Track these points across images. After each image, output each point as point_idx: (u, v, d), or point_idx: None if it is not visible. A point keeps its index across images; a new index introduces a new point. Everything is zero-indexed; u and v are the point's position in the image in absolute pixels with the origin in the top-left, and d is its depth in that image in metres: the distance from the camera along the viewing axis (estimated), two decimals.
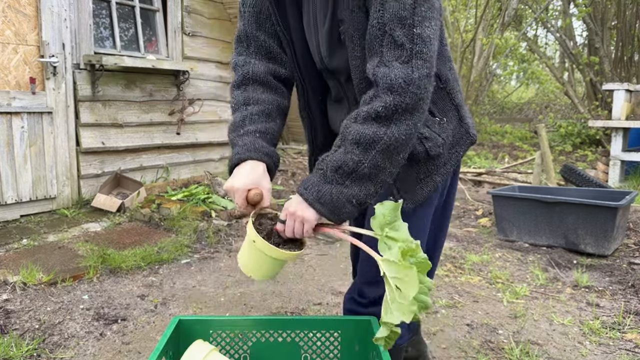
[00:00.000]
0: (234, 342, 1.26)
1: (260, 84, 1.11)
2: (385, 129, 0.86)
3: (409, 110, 0.86)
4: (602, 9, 7.40)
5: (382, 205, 0.87)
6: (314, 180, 0.93)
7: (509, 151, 7.53)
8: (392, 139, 0.87)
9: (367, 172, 0.89)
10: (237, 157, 1.04)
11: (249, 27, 1.11)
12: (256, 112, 1.08)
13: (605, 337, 1.94)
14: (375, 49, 0.88)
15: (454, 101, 1.09)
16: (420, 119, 0.89)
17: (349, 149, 0.89)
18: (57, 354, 1.77)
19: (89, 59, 3.59)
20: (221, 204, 3.73)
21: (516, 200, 3.10)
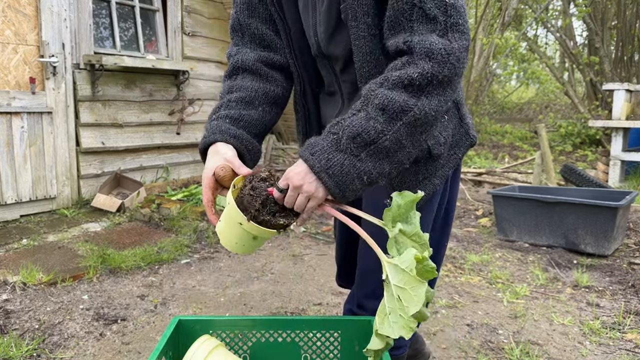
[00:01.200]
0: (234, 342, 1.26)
1: (249, 72, 1.05)
2: (415, 100, 0.77)
3: (444, 84, 0.78)
4: (602, 8, 7.40)
5: (399, 195, 0.78)
6: (324, 145, 0.80)
7: (509, 151, 7.53)
8: (421, 113, 0.77)
9: (387, 146, 0.78)
10: (203, 141, 0.98)
11: (241, 14, 1.06)
12: (235, 99, 1.02)
13: (605, 337, 1.94)
14: (402, 24, 0.80)
15: (455, 99, 1.03)
16: (451, 97, 0.81)
17: (372, 114, 0.78)
18: (57, 354, 1.76)
19: (88, 58, 3.58)
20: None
21: (516, 200, 3.10)
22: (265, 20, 1.05)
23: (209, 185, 0.93)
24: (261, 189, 0.85)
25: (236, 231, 0.87)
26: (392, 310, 0.73)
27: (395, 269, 0.74)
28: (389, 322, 0.73)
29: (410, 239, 0.77)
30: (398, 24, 0.81)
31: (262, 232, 0.84)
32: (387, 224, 0.78)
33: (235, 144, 0.96)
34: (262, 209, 0.83)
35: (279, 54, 1.07)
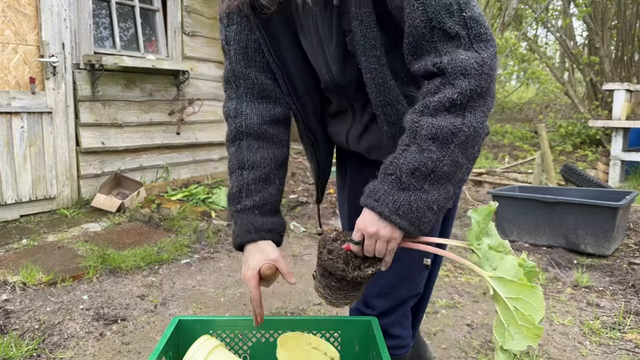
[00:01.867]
0: (234, 343, 1.26)
1: (255, 138, 1.03)
2: (461, 119, 0.77)
3: (484, 94, 0.78)
4: (602, 8, 7.40)
5: (476, 211, 0.79)
6: (385, 189, 0.81)
7: (509, 151, 7.53)
8: (470, 129, 0.77)
9: (446, 171, 0.78)
10: (238, 240, 1.01)
11: (236, 65, 1.02)
12: (252, 180, 1.01)
13: (605, 337, 1.94)
14: (424, 47, 0.80)
15: None
16: (492, 104, 0.80)
17: (424, 146, 0.78)
18: (56, 354, 1.76)
19: (88, 58, 3.58)
20: (221, 203, 3.73)
21: (516, 200, 3.10)
22: (263, 69, 1.03)
23: (256, 285, 0.97)
24: (338, 249, 0.85)
25: None
26: (510, 322, 0.73)
27: (501, 281, 0.74)
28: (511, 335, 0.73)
29: (496, 250, 0.79)
30: (421, 48, 0.81)
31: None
32: (473, 242, 0.79)
33: (273, 238, 1.00)
34: (347, 268, 0.84)
35: (278, 104, 1.06)
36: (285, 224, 1.07)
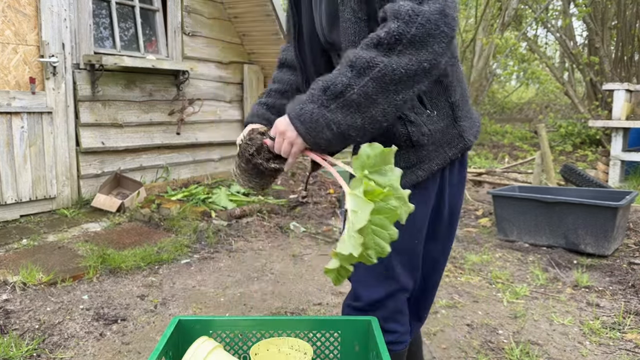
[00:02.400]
0: (234, 343, 1.26)
1: (289, 67, 1.26)
2: (383, 57, 0.80)
3: (415, 43, 0.79)
4: (602, 9, 7.40)
5: (370, 146, 0.81)
6: (303, 99, 0.88)
7: (509, 151, 7.53)
8: (388, 69, 0.80)
9: (356, 100, 0.82)
10: (246, 120, 1.22)
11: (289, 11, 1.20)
12: (274, 89, 1.24)
13: (605, 337, 1.94)
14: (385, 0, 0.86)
15: (450, 99, 1.04)
16: (428, 61, 0.80)
17: (342, 70, 0.84)
18: (57, 354, 1.76)
19: (88, 58, 3.58)
20: (221, 204, 3.73)
21: (516, 200, 3.10)
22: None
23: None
24: (257, 139, 0.98)
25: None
26: (348, 232, 0.77)
27: (353, 197, 0.78)
28: (343, 243, 0.77)
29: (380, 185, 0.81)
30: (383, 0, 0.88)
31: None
32: (356, 170, 0.81)
33: (266, 125, 1.15)
34: (256, 155, 0.96)
35: None
36: None
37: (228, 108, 5.09)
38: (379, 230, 0.79)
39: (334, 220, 3.71)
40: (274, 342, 1.17)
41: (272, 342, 1.17)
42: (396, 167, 0.82)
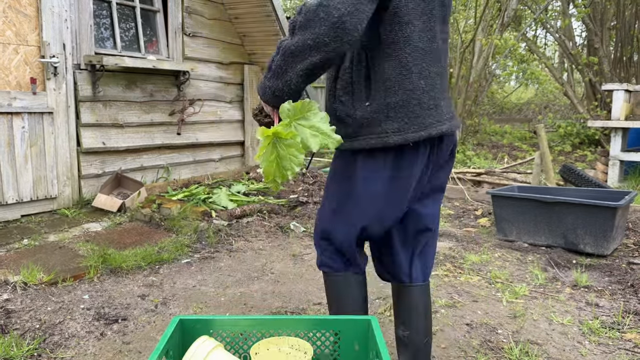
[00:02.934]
0: (235, 342, 1.27)
1: None
2: (286, 40, 1.15)
3: (302, 27, 1.10)
4: (601, 9, 7.41)
5: (288, 102, 1.14)
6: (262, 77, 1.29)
7: (508, 151, 7.54)
8: (287, 47, 1.13)
9: (275, 70, 1.16)
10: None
11: None
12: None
13: (604, 336, 1.95)
14: None
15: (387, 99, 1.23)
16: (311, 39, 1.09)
17: (274, 54, 1.19)
18: (57, 354, 1.77)
19: (89, 59, 3.59)
20: (221, 204, 3.74)
21: (515, 200, 3.10)
22: None
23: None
24: (260, 105, 1.32)
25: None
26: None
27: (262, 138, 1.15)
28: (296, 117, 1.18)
29: (309, 129, 1.14)
30: None
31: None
32: (283, 117, 1.15)
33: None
34: (258, 114, 1.32)
35: None
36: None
37: (228, 108, 5.10)
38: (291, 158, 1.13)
39: None
40: (275, 342, 1.18)
41: (273, 341, 1.18)
42: (321, 112, 1.14)
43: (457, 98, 6.87)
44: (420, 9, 1.21)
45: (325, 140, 1.14)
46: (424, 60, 1.23)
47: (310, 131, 1.14)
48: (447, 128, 1.29)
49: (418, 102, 1.24)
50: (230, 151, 5.21)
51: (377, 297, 2.31)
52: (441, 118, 1.29)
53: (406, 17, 1.19)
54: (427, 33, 1.23)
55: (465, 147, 7.11)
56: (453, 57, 6.79)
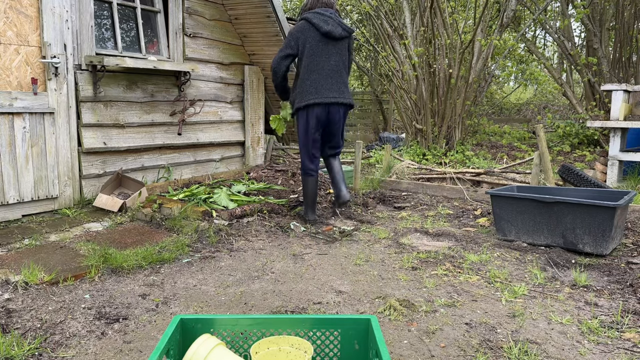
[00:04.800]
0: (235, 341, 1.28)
1: None
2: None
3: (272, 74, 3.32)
4: (600, 10, 7.42)
5: (283, 105, 3.51)
6: None
7: (508, 151, 7.55)
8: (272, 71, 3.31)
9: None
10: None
11: None
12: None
13: (603, 336, 1.96)
14: None
15: (303, 87, 3.14)
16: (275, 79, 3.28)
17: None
18: (58, 353, 1.78)
19: (90, 59, 3.60)
20: (222, 203, 3.75)
21: (515, 200, 3.12)
22: None
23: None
24: None
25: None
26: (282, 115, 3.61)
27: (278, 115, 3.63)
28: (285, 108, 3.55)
29: (285, 109, 3.52)
30: None
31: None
32: (282, 108, 3.57)
33: None
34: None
35: None
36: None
37: (229, 109, 5.11)
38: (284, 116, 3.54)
39: (334, 220, 3.73)
40: (275, 341, 1.19)
41: (273, 340, 1.19)
42: (288, 104, 3.46)
43: (457, 98, 6.88)
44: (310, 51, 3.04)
45: (288, 116, 3.45)
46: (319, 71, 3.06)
47: (285, 111, 3.49)
48: (333, 100, 3.11)
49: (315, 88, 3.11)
50: (231, 151, 5.22)
51: (377, 296, 2.32)
52: (329, 95, 3.08)
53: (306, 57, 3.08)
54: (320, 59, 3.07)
55: (464, 147, 7.12)
56: (452, 57, 6.80)
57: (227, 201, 3.76)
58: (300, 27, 3.00)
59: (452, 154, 6.87)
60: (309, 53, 2.93)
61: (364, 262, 2.81)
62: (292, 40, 2.99)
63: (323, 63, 2.96)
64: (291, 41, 3.00)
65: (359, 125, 11.59)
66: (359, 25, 10.80)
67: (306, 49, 2.93)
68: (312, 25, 2.95)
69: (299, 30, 2.98)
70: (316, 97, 2.98)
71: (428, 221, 3.74)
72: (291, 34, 2.97)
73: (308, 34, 2.96)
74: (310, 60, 2.92)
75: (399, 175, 5.18)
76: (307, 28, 2.96)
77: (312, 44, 2.95)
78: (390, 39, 7.71)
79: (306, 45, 2.95)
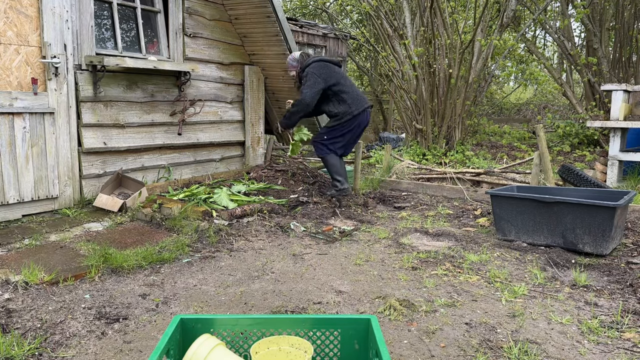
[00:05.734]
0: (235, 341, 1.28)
1: None
2: (292, 108, 3.92)
3: (297, 105, 3.90)
4: (600, 10, 7.42)
5: (298, 129, 4.21)
6: (284, 115, 4.03)
7: (508, 151, 7.55)
8: (293, 111, 3.92)
9: (289, 117, 3.95)
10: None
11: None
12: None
13: (603, 336, 1.96)
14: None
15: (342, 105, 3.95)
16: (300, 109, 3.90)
17: (289, 107, 4.01)
18: (58, 353, 1.78)
19: (90, 59, 3.60)
20: (222, 203, 3.75)
21: (514, 200, 3.12)
22: None
23: None
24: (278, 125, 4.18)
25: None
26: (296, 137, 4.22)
27: (295, 138, 4.24)
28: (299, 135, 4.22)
29: (299, 133, 4.18)
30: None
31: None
32: (295, 132, 4.18)
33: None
34: (278, 131, 4.35)
35: None
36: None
37: (229, 109, 5.11)
38: (300, 137, 4.19)
39: (334, 220, 3.73)
40: (275, 341, 1.19)
41: (273, 340, 1.19)
42: (304, 127, 4.26)
43: (457, 98, 6.88)
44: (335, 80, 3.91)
45: (306, 137, 4.16)
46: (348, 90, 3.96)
47: (301, 133, 4.17)
48: (367, 105, 4.02)
49: (354, 101, 3.97)
50: (231, 151, 5.22)
51: (377, 296, 2.32)
52: (365, 103, 4.00)
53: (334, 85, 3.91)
54: (345, 82, 3.98)
55: (464, 147, 7.12)
56: (452, 57, 6.80)
57: (227, 201, 3.76)
58: (318, 66, 3.88)
59: (452, 154, 6.87)
60: (335, 81, 3.86)
61: (364, 262, 2.81)
62: (318, 77, 3.80)
63: (347, 83, 3.96)
64: (318, 78, 3.80)
65: None
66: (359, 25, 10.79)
67: (332, 79, 3.85)
68: (326, 62, 3.95)
69: (320, 68, 3.86)
70: (359, 107, 3.91)
71: (428, 221, 3.74)
72: (314, 74, 3.81)
73: (327, 69, 3.89)
74: (339, 87, 3.86)
75: (399, 175, 5.18)
76: (323, 65, 3.90)
77: (332, 74, 3.90)
78: (390, 39, 7.71)
79: (330, 76, 3.88)
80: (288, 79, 5.16)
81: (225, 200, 3.76)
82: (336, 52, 10.19)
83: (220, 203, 3.75)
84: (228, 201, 3.77)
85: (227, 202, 3.75)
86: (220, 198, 3.81)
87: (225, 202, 3.74)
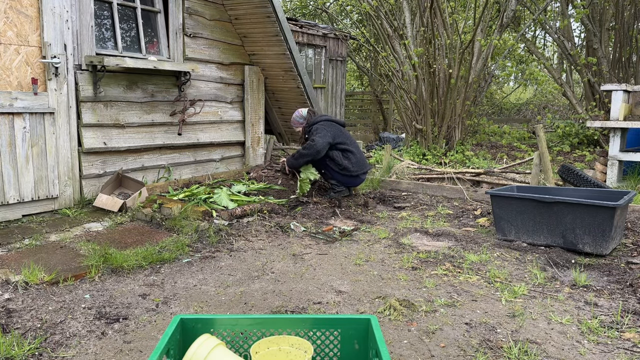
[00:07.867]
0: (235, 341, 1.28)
1: None
2: (302, 151, 4.19)
3: (307, 149, 4.16)
4: (600, 10, 7.43)
5: (304, 169, 4.30)
6: (292, 155, 4.31)
7: (507, 151, 7.55)
8: (302, 153, 4.18)
9: (297, 159, 4.21)
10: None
11: None
12: None
13: (603, 336, 1.96)
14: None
15: (349, 160, 4.24)
16: (310, 154, 4.16)
17: (297, 151, 4.25)
18: (58, 353, 1.78)
19: (90, 59, 3.60)
20: (222, 203, 3.75)
21: (514, 200, 3.12)
22: None
23: None
24: (281, 163, 4.63)
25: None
26: (301, 179, 4.27)
27: (302, 176, 4.28)
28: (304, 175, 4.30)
29: (308, 172, 4.27)
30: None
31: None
32: (302, 171, 4.27)
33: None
34: (283, 170, 4.54)
35: None
36: None
37: (229, 109, 5.11)
38: (307, 177, 4.26)
39: (334, 220, 3.73)
40: (275, 341, 1.19)
41: (273, 340, 1.19)
42: (311, 167, 4.31)
43: (457, 98, 6.88)
44: (342, 139, 4.25)
45: (313, 176, 4.27)
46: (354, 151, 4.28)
47: (308, 172, 4.27)
48: (368, 169, 4.42)
49: (358, 163, 4.29)
50: (231, 151, 5.22)
51: (377, 296, 2.32)
52: (366, 167, 4.37)
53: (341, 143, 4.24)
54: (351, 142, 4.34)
55: (464, 147, 7.12)
56: (452, 57, 6.80)
57: (227, 201, 3.76)
58: (327, 124, 4.26)
59: (452, 154, 6.87)
60: (341, 140, 4.21)
61: (364, 262, 2.81)
62: (327, 132, 4.16)
63: (354, 145, 4.33)
64: (327, 133, 4.16)
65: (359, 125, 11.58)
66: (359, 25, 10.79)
67: (339, 137, 4.21)
68: (332, 122, 4.33)
69: (328, 126, 4.24)
70: (359, 170, 4.25)
71: (428, 221, 3.74)
72: (324, 129, 4.17)
73: (334, 128, 4.26)
74: (345, 146, 4.21)
75: (399, 175, 5.18)
76: (330, 124, 4.28)
77: (339, 133, 4.26)
78: (390, 39, 7.72)
79: (337, 135, 4.22)
80: (288, 79, 5.16)
81: (225, 200, 3.76)
82: (336, 52, 10.19)
83: (220, 203, 3.75)
84: (228, 201, 3.77)
85: (227, 202, 3.75)
86: (220, 198, 3.81)
87: (225, 202, 3.74)
